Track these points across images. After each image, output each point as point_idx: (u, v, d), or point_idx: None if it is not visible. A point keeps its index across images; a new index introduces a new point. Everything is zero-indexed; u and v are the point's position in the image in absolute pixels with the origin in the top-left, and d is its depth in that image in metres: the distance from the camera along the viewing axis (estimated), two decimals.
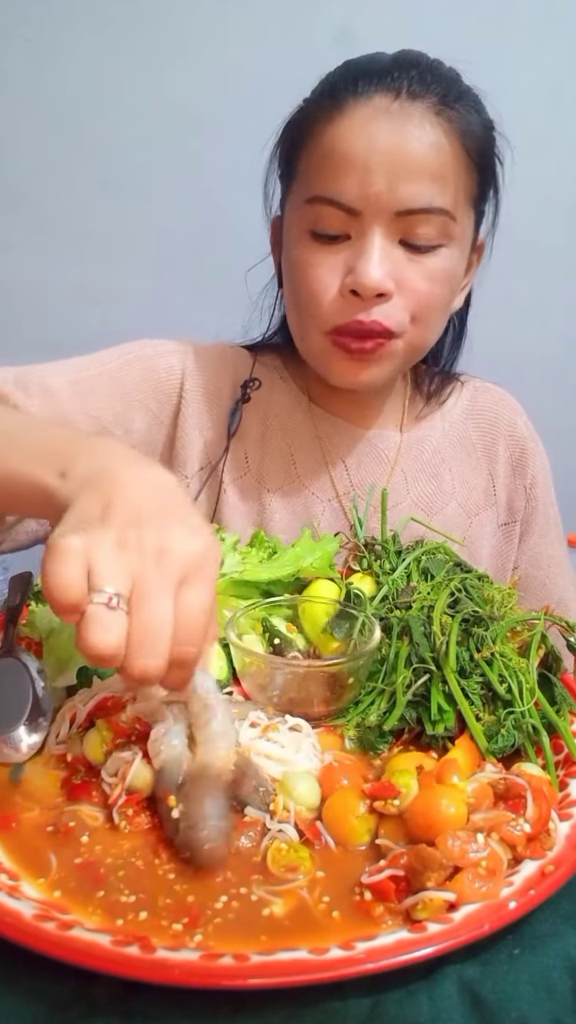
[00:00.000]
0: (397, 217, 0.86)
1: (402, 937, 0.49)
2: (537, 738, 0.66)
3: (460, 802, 0.56)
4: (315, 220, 0.89)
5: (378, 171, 0.84)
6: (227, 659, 0.75)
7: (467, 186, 0.90)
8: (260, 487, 1.05)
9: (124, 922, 0.51)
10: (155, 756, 0.61)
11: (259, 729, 0.66)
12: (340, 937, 0.50)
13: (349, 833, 0.58)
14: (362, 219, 0.87)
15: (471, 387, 1.17)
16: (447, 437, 1.13)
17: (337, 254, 0.89)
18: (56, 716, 0.70)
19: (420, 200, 0.86)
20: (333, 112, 0.87)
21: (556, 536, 1.20)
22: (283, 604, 0.81)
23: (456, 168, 0.88)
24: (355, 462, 1.08)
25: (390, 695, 0.69)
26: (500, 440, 1.14)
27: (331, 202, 0.87)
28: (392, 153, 0.84)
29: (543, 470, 1.18)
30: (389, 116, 0.85)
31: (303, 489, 1.06)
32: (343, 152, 0.86)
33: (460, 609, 0.74)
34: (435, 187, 0.86)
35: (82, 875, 0.55)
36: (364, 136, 0.85)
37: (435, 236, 0.88)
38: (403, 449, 1.10)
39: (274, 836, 0.58)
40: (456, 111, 0.87)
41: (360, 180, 0.85)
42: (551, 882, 0.53)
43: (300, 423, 1.07)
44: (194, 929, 0.51)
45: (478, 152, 0.90)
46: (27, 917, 0.50)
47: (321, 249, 0.89)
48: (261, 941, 0.50)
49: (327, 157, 0.87)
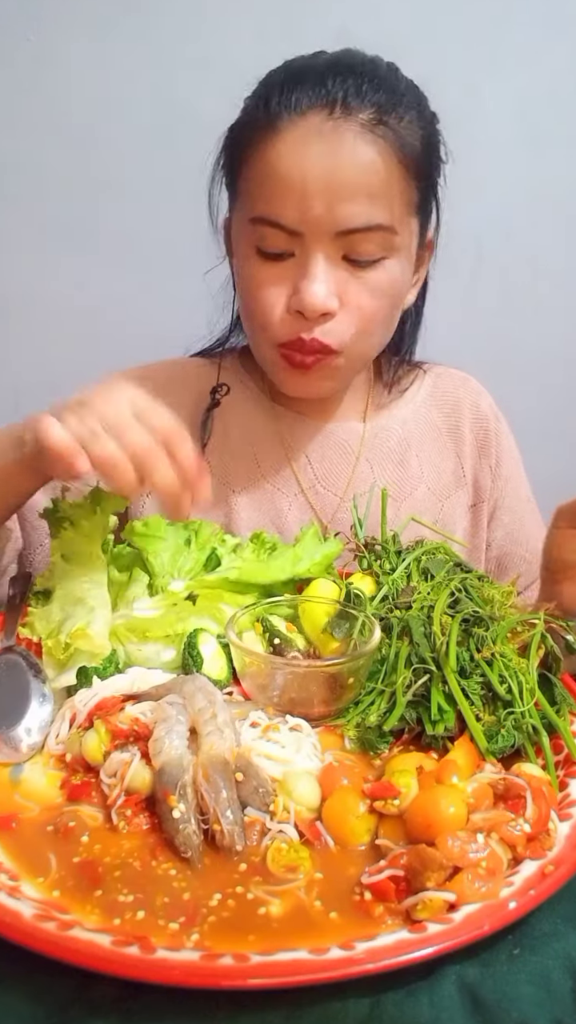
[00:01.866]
0: (338, 237, 0.88)
1: (402, 937, 0.49)
2: (537, 738, 0.66)
3: (460, 802, 0.55)
4: (259, 239, 0.91)
5: (315, 195, 0.85)
6: (227, 659, 0.75)
7: (407, 197, 0.91)
8: (225, 489, 1.07)
9: (122, 921, 0.51)
10: (156, 756, 0.61)
11: (259, 729, 0.66)
12: (340, 937, 0.50)
13: (349, 833, 0.58)
14: (303, 240, 0.88)
15: (433, 374, 1.18)
16: (412, 423, 1.14)
17: (283, 272, 0.91)
18: (56, 716, 0.70)
19: (359, 220, 0.87)
20: (268, 130, 0.88)
21: (531, 513, 1.20)
22: (283, 604, 0.81)
23: (394, 182, 0.88)
24: (318, 455, 1.09)
25: (390, 695, 0.69)
26: (464, 422, 1.16)
27: (273, 224, 0.89)
28: (328, 176, 0.85)
29: (509, 449, 1.19)
30: (322, 137, 0.85)
31: (268, 486, 1.08)
32: (280, 176, 0.87)
33: (460, 609, 0.74)
34: (373, 205, 0.87)
35: (81, 874, 0.55)
36: (299, 159, 0.86)
37: (376, 251, 0.90)
38: (367, 438, 1.11)
39: (274, 836, 0.58)
40: (392, 123, 0.87)
41: (298, 204, 0.86)
42: (551, 882, 0.53)
43: (261, 423, 1.09)
44: (191, 928, 0.51)
45: (415, 161, 0.90)
46: (27, 917, 0.50)
47: (267, 266, 0.91)
48: (258, 940, 0.50)
49: (266, 179, 0.88)
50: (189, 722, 0.64)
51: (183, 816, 0.57)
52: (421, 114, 0.92)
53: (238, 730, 0.65)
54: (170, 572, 0.82)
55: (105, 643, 0.74)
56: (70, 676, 0.73)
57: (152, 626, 0.77)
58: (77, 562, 0.81)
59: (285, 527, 1.06)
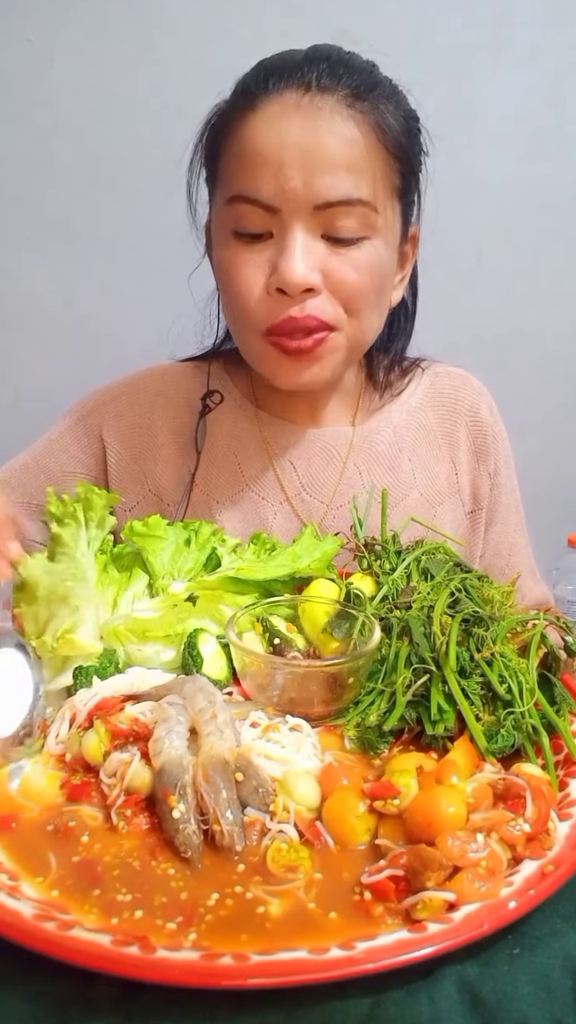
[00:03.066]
0: (316, 211, 0.86)
1: (402, 937, 0.49)
2: (537, 738, 0.66)
3: (460, 802, 0.56)
4: (236, 219, 0.89)
5: (292, 166, 0.84)
6: (227, 659, 0.75)
7: (387, 177, 0.89)
8: (208, 499, 1.06)
9: (119, 920, 0.51)
10: (156, 756, 0.61)
11: (259, 729, 0.66)
12: (340, 937, 0.50)
13: (349, 833, 0.58)
14: (281, 216, 0.86)
15: (431, 373, 1.15)
16: (406, 426, 1.12)
17: (261, 252, 0.89)
18: (56, 716, 0.70)
19: (337, 192, 0.85)
20: (246, 111, 0.87)
21: (517, 523, 1.19)
22: (283, 604, 0.81)
23: (372, 159, 0.87)
24: (303, 462, 1.07)
25: (390, 695, 0.69)
26: (461, 426, 1.13)
27: (249, 200, 0.87)
28: (305, 147, 0.84)
29: (506, 456, 1.17)
30: (299, 110, 0.85)
31: (252, 495, 1.06)
32: (257, 149, 0.86)
33: (460, 609, 0.74)
34: (351, 178, 0.85)
35: (79, 874, 0.55)
36: (276, 132, 0.85)
37: (357, 228, 0.87)
38: (355, 443, 1.09)
39: (274, 836, 0.58)
40: (368, 103, 0.87)
41: (275, 176, 0.85)
42: (551, 882, 0.53)
43: (245, 430, 1.08)
44: (188, 928, 0.51)
45: (396, 144, 0.89)
46: (27, 917, 0.50)
47: (244, 248, 0.89)
48: (257, 940, 0.50)
49: (242, 156, 0.87)
50: (189, 722, 0.64)
51: (183, 816, 0.57)
52: (399, 105, 0.91)
53: (238, 730, 0.65)
54: (170, 572, 0.82)
55: (93, 644, 0.73)
56: (66, 677, 0.73)
57: (152, 627, 0.77)
58: (61, 560, 0.80)
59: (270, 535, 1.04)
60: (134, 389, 1.10)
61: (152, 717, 0.65)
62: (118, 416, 1.09)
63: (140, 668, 0.75)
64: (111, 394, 1.11)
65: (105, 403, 1.10)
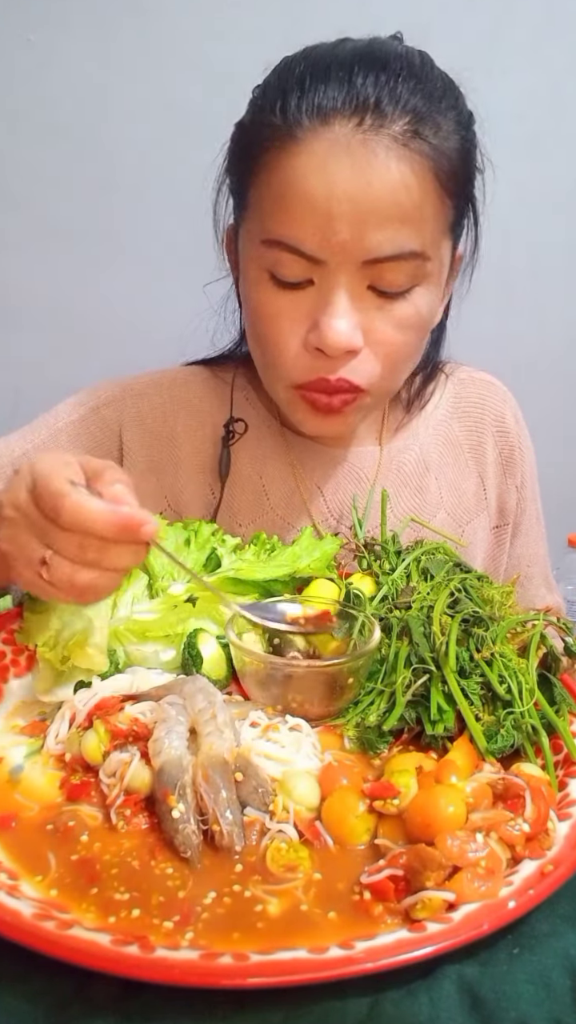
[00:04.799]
0: (364, 266, 0.78)
1: (401, 937, 0.49)
2: (536, 738, 0.66)
3: (459, 802, 0.56)
4: (274, 264, 0.81)
5: (341, 219, 0.76)
6: (227, 659, 0.75)
7: (441, 217, 0.82)
8: (232, 521, 1.01)
9: (116, 919, 0.51)
10: (156, 756, 0.61)
11: (259, 729, 0.66)
12: (339, 936, 0.50)
13: (348, 833, 0.58)
14: (326, 267, 0.79)
15: (455, 379, 1.10)
16: (431, 442, 1.07)
17: (300, 302, 0.81)
18: (55, 716, 0.70)
19: (389, 248, 0.77)
20: (287, 139, 0.77)
21: (538, 533, 1.17)
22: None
23: (428, 203, 0.79)
24: (331, 487, 1.03)
25: (390, 695, 0.69)
26: (488, 438, 1.09)
27: (290, 249, 0.79)
28: (356, 198, 0.75)
29: (531, 466, 1.14)
30: (350, 152, 0.75)
31: (277, 520, 1.02)
32: (300, 196, 0.76)
33: (460, 609, 0.74)
34: (405, 230, 0.77)
35: (78, 872, 0.55)
36: (324, 177, 0.75)
37: (406, 281, 0.80)
38: (383, 464, 1.04)
39: (273, 836, 0.58)
40: (428, 133, 0.77)
41: (322, 228, 0.76)
42: (550, 882, 0.53)
43: (271, 450, 1.02)
44: (185, 927, 0.51)
45: (454, 175, 0.81)
46: (27, 916, 0.50)
47: (282, 296, 0.82)
48: (256, 940, 0.50)
49: (283, 197, 0.78)
50: (189, 722, 0.64)
51: (182, 816, 0.57)
52: (459, 116, 0.82)
53: (238, 730, 0.65)
54: (170, 573, 0.82)
55: (103, 659, 0.72)
56: (67, 691, 0.72)
57: (152, 627, 0.77)
58: None
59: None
60: (157, 391, 1.03)
61: (152, 717, 0.65)
62: (139, 419, 1.02)
63: (140, 668, 0.75)
64: (132, 391, 1.03)
65: (124, 399, 1.02)
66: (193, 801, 0.58)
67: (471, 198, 0.88)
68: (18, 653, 0.78)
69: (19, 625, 0.79)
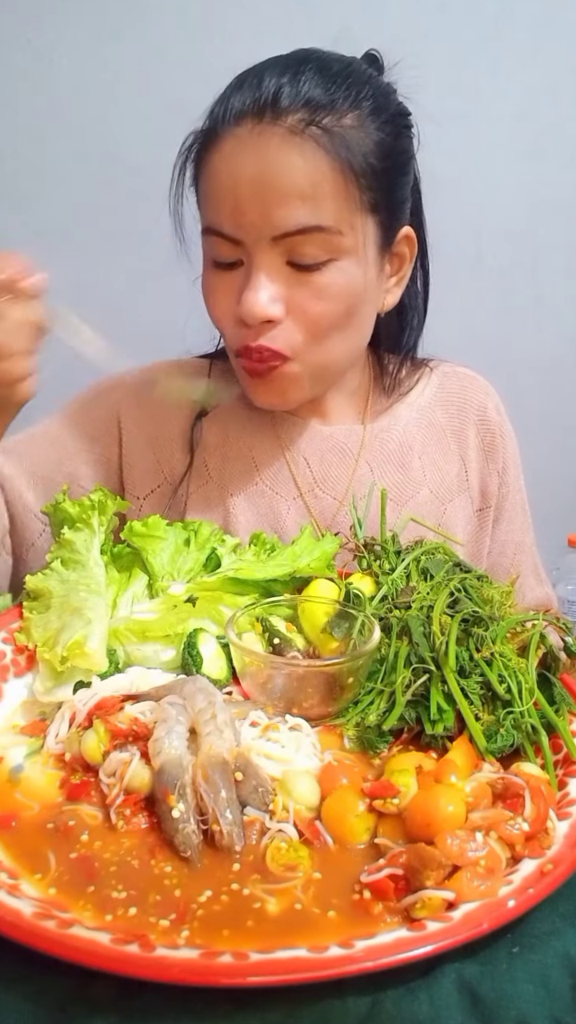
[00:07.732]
0: (276, 242, 0.87)
1: (401, 936, 0.49)
2: (536, 738, 0.66)
3: (459, 801, 0.56)
4: (210, 249, 0.93)
5: (247, 201, 0.86)
6: (227, 659, 0.76)
7: (352, 197, 0.88)
8: (223, 493, 1.07)
9: (113, 917, 0.51)
10: (155, 756, 0.61)
11: (259, 729, 0.66)
12: (339, 935, 0.50)
13: (348, 832, 0.58)
14: (245, 247, 0.89)
15: (439, 372, 1.16)
16: (415, 425, 1.13)
17: (232, 281, 0.92)
18: (55, 716, 0.70)
19: (292, 222, 0.86)
20: (211, 141, 0.89)
21: (523, 522, 1.20)
22: (283, 604, 0.81)
23: (332, 182, 0.86)
24: (317, 458, 1.08)
25: (390, 695, 0.69)
26: (470, 425, 1.15)
27: (217, 233, 0.90)
28: (257, 180, 0.85)
29: (513, 455, 1.18)
30: (251, 141, 0.86)
31: (266, 490, 1.07)
32: (217, 186, 0.89)
33: (460, 609, 0.74)
34: (306, 206, 0.86)
35: (76, 871, 0.55)
36: (231, 166, 0.87)
37: (320, 253, 0.88)
38: (366, 441, 1.10)
39: (273, 835, 0.58)
40: (326, 122, 0.85)
41: (233, 212, 0.87)
42: (550, 881, 0.53)
43: (259, 426, 1.09)
44: (182, 924, 0.51)
45: (363, 159, 0.88)
46: (27, 916, 0.50)
47: (220, 276, 0.93)
48: (255, 939, 0.50)
49: (208, 190, 0.91)
50: (189, 722, 0.64)
51: (182, 816, 0.57)
52: (376, 110, 0.89)
53: (238, 730, 0.65)
54: (170, 573, 0.82)
55: (102, 660, 0.73)
56: (66, 691, 0.72)
57: (152, 627, 0.77)
58: (75, 569, 0.80)
59: (283, 530, 1.05)
60: (152, 375, 1.12)
61: (152, 717, 0.65)
62: (136, 400, 1.10)
63: (140, 668, 0.75)
64: (131, 375, 1.12)
65: (124, 384, 1.11)
66: (193, 801, 0.58)
67: (398, 181, 0.94)
68: (18, 653, 0.78)
69: (19, 625, 0.79)
